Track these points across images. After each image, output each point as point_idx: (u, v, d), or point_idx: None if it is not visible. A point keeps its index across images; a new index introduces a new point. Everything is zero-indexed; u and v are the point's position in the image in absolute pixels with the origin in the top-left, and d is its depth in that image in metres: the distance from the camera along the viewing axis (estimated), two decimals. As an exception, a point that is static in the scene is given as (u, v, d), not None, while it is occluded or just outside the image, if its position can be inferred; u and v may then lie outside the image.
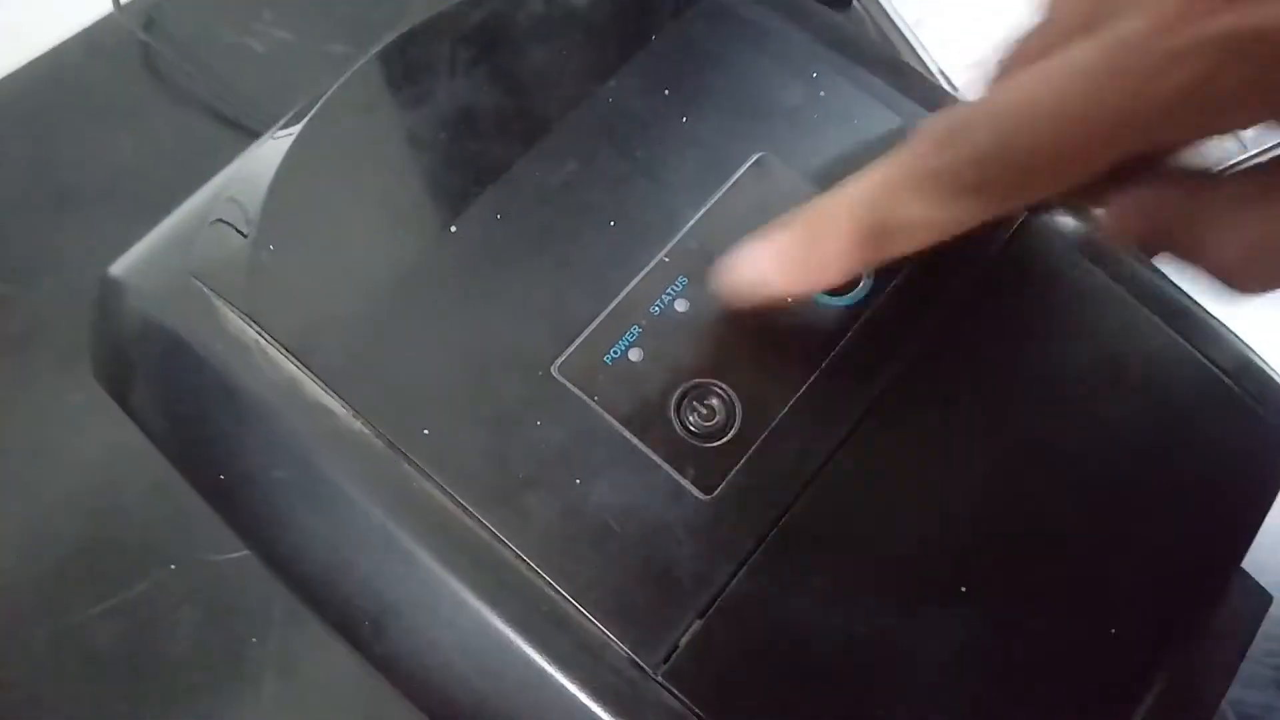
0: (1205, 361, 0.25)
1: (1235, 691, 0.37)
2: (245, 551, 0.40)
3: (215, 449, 0.23)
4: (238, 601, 0.40)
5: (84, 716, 0.38)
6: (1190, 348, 0.25)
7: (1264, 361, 0.26)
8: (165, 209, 0.28)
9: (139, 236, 0.28)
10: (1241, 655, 0.30)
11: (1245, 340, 0.26)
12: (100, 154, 0.49)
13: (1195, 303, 0.26)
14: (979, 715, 0.21)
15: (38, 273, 0.46)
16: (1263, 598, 0.30)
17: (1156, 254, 0.20)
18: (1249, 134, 0.41)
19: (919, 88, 0.26)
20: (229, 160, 0.28)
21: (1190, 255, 0.19)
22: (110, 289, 0.26)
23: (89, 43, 0.52)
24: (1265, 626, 0.37)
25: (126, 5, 0.51)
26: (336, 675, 0.39)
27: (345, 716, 0.39)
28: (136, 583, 0.40)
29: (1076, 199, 0.21)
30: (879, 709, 0.20)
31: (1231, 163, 0.21)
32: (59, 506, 0.41)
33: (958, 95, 0.43)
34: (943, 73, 0.44)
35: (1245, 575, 0.30)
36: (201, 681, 0.39)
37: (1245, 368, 0.25)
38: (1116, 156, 0.18)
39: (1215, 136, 0.18)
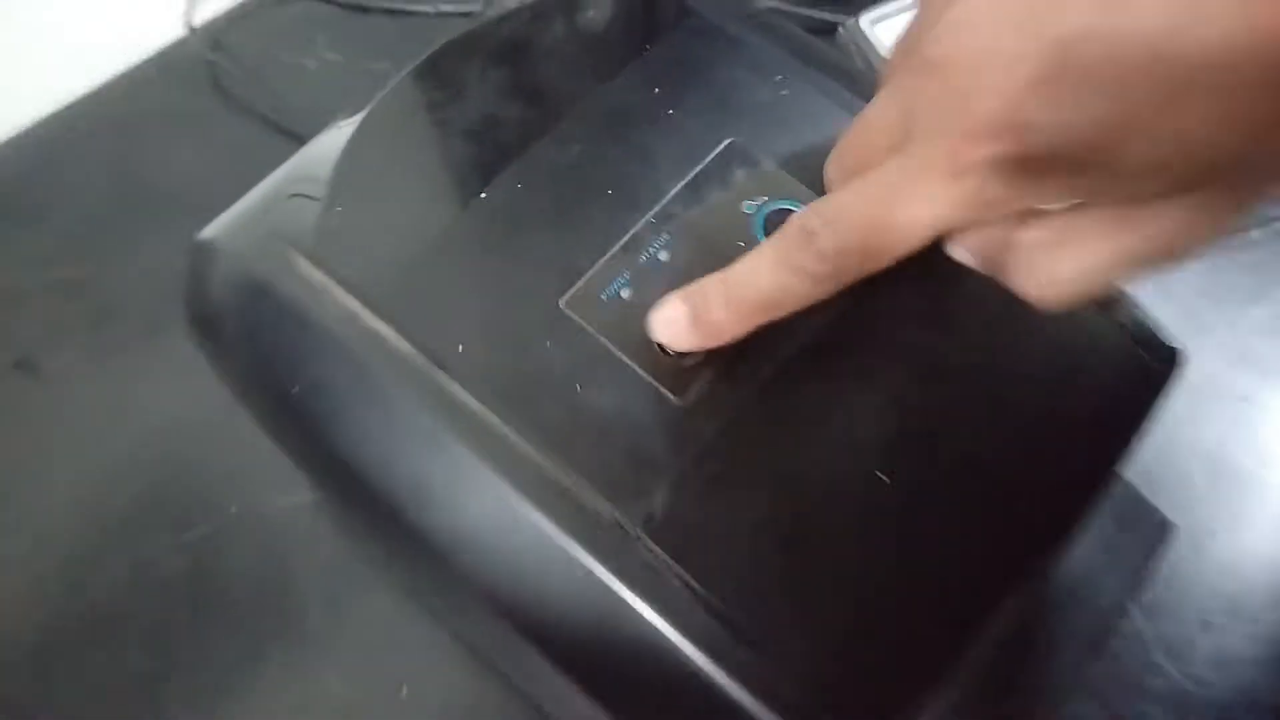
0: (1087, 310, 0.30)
1: (1162, 626, 0.42)
2: (296, 500, 0.46)
3: (291, 368, 0.29)
4: (288, 543, 0.46)
5: (155, 637, 0.44)
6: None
7: (1139, 305, 0.31)
8: (228, 207, 0.34)
9: None
10: (1142, 573, 0.35)
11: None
12: (172, 159, 0.56)
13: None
14: (890, 574, 0.26)
15: (117, 259, 0.53)
16: (1166, 526, 0.36)
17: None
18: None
19: (867, 89, 0.32)
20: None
21: (1008, 282, 0.25)
22: (202, 249, 0.32)
23: (164, 63, 0.59)
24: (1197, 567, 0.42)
25: (197, 30, 0.58)
26: (374, 611, 0.44)
27: (381, 647, 0.44)
28: (201, 524, 0.46)
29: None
30: (812, 559, 0.26)
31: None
32: (135, 458, 0.47)
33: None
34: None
35: (1153, 508, 0.36)
36: (253, 612, 0.45)
37: (1128, 316, 0.31)
38: (923, 244, 0.24)
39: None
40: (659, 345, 0.27)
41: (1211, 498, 0.45)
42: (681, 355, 0.28)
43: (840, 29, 0.54)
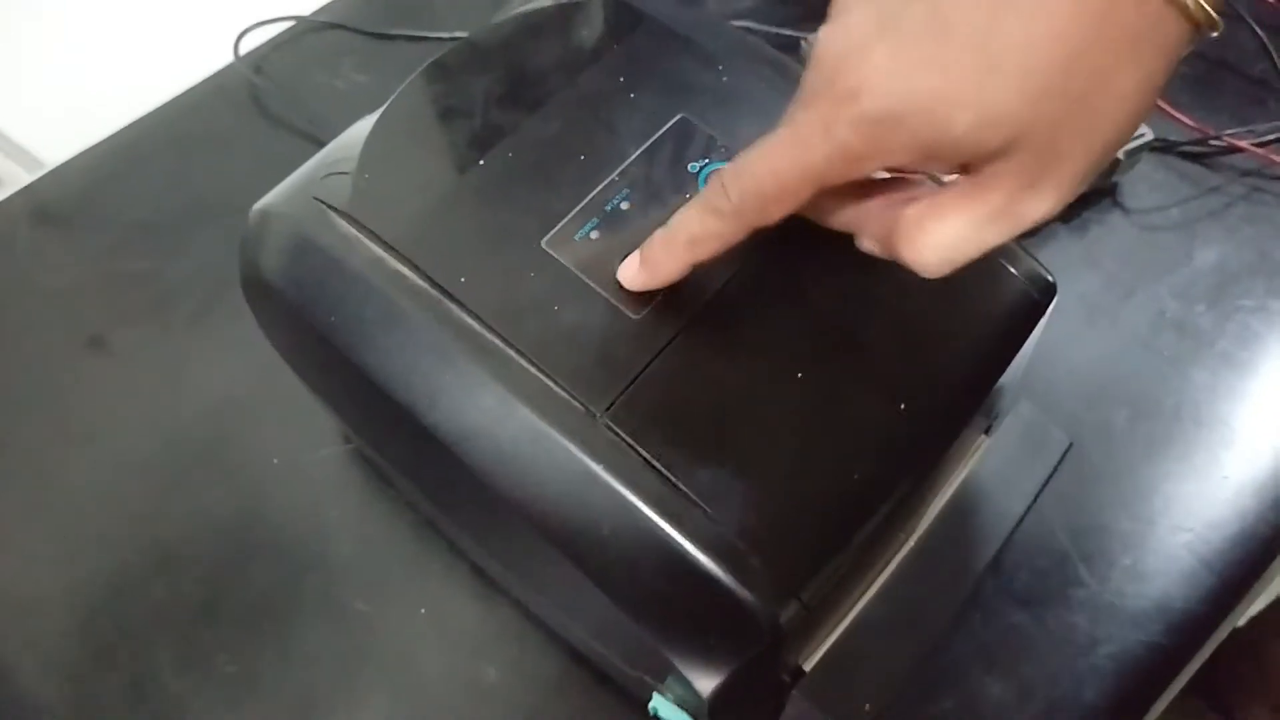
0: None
1: (1084, 546, 0.48)
2: (329, 453, 0.53)
3: (331, 303, 0.36)
4: (322, 489, 0.53)
5: (209, 570, 0.51)
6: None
7: (1029, 253, 0.38)
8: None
9: None
10: (1039, 484, 0.41)
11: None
12: (221, 169, 0.63)
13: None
14: (808, 454, 0.33)
15: (174, 254, 0.60)
16: (1061, 440, 0.42)
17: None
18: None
19: (792, 75, 0.39)
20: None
21: (900, 258, 0.30)
22: (258, 216, 0.40)
23: (213, 86, 0.66)
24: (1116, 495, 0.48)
25: (242, 57, 0.66)
26: (397, 545, 0.51)
27: (403, 576, 0.50)
28: (247, 475, 0.53)
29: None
30: (744, 440, 0.33)
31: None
32: (191, 421, 0.54)
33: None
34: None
35: (1050, 427, 0.42)
36: (292, 548, 0.51)
37: (1014, 255, 0.37)
38: (812, 193, 0.30)
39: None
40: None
41: (1131, 437, 0.51)
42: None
43: (802, 43, 0.61)
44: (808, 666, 0.37)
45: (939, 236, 0.29)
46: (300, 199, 0.38)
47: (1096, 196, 0.58)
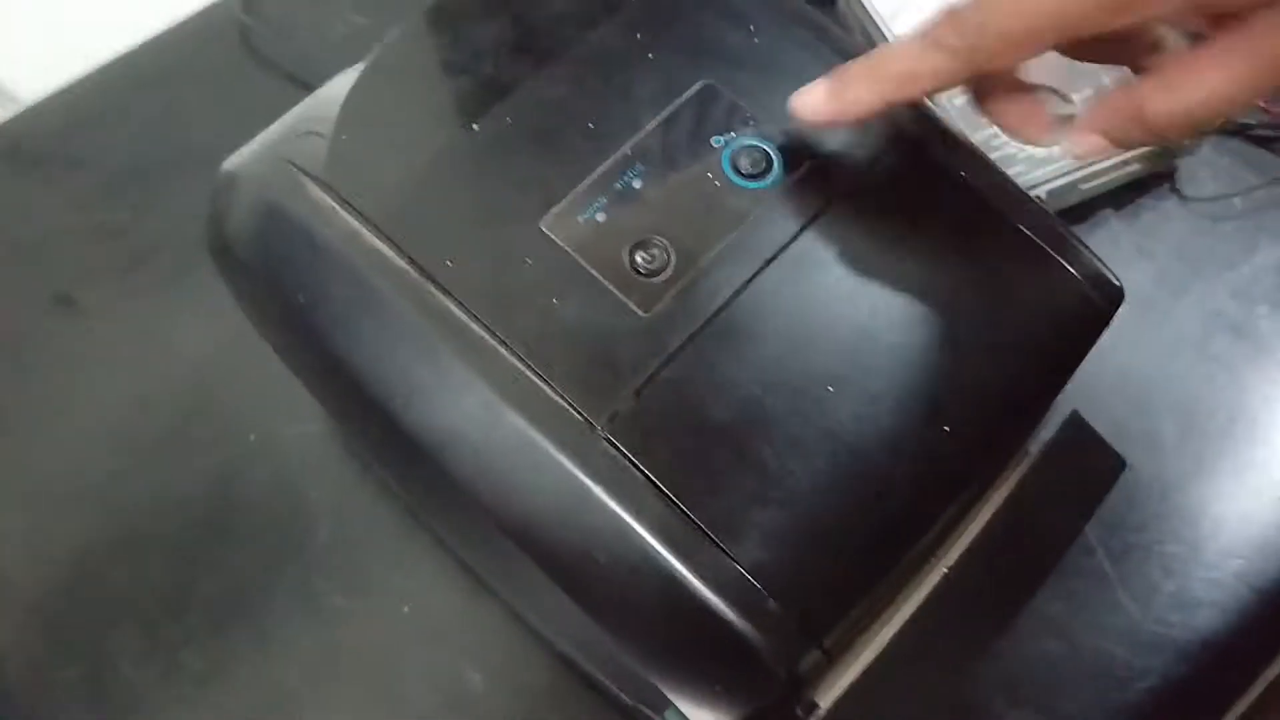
0: (1041, 246, 0.32)
1: (1125, 569, 0.44)
2: (309, 429, 0.49)
3: (300, 279, 0.32)
4: (301, 469, 0.49)
5: (178, 553, 0.47)
6: (1029, 234, 0.32)
7: (1093, 253, 0.33)
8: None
9: None
10: (1091, 505, 0.37)
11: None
12: (205, 114, 0.59)
13: (1043, 207, 0.34)
14: (836, 480, 0.29)
15: (151, 206, 0.56)
16: (1117, 461, 0.38)
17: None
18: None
19: (832, 39, 0.34)
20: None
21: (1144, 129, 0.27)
22: (225, 177, 0.35)
23: (199, 24, 0.62)
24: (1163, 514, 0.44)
25: (232, -7, 0.61)
26: (380, 533, 0.47)
27: (386, 567, 0.47)
28: (222, 450, 0.49)
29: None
30: (761, 461, 0.28)
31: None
32: (163, 389, 0.51)
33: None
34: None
35: (1106, 444, 0.38)
36: (268, 532, 0.48)
37: (1078, 256, 0.33)
38: (1058, 41, 0.26)
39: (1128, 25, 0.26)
40: (632, 262, 0.30)
41: (1180, 450, 0.47)
42: (651, 275, 0.30)
43: (839, 0, 0.56)
44: (825, 704, 0.33)
45: (1195, 94, 0.26)
46: (271, 160, 0.34)
47: (1154, 181, 0.53)
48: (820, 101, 0.30)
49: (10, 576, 0.47)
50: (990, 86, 0.30)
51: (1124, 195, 0.53)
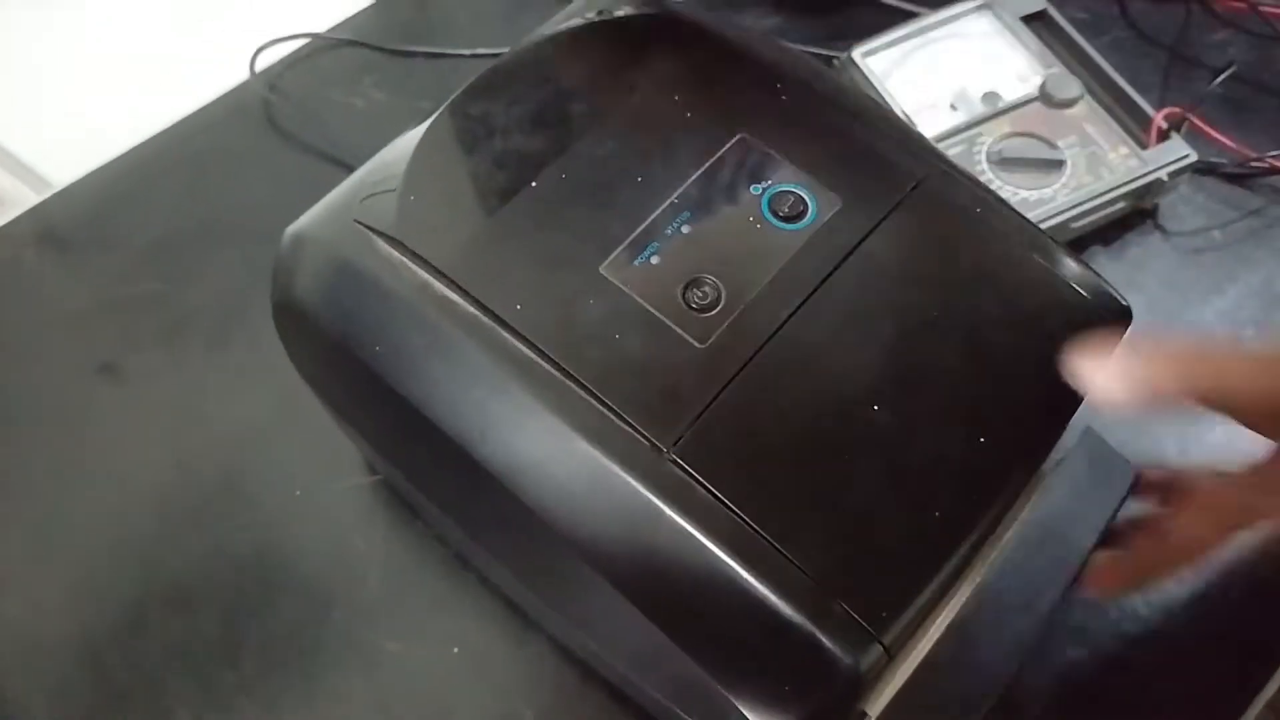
0: (1055, 273, 0.35)
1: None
2: (354, 483, 0.51)
3: (375, 330, 0.34)
4: (347, 522, 0.51)
5: (229, 606, 0.48)
6: (1044, 263, 0.36)
7: (1103, 279, 0.36)
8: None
9: (266, 254, 0.38)
10: (1107, 514, 0.40)
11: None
12: (236, 189, 0.62)
13: (1052, 239, 0.37)
14: (883, 491, 0.31)
15: (189, 277, 0.58)
16: (1127, 468, 0.40)
17: None
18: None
19: (849, 96, 0.38)
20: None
21: None
22: (292, 240, 0.38)
23: (229, 103, 0.65)
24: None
25: (258, 74, 0.64)
26: (427, 580, 0.49)
27: (434, 612, 0.48)
28: (268, 506, 0.51)
29: None
30: (816, 475, 0.31)
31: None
32: (207, 450, 0.52)
33: (911, 121, 0.55)
34: (903, 111, 0.56)
35: (1119, 456, 0.41)
36: (317, 583, 0.49)
37: (1088, 281, 0.36)
38: None
39: None
40: (686, 299, 0.33)
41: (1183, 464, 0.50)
42: (704, 310, 0.33)
43: (835, 62, 0.60)
44: (873, 712, 0.35)
45: None
46: (339, 222, 0.36)
47: (1137, 218, 0.57)
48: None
49: (66, 631, 0.48)
50: None
51: (1111, 232, 0.56)
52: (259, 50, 0.64)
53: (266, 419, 0.53)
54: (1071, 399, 0.34)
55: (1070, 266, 0.36)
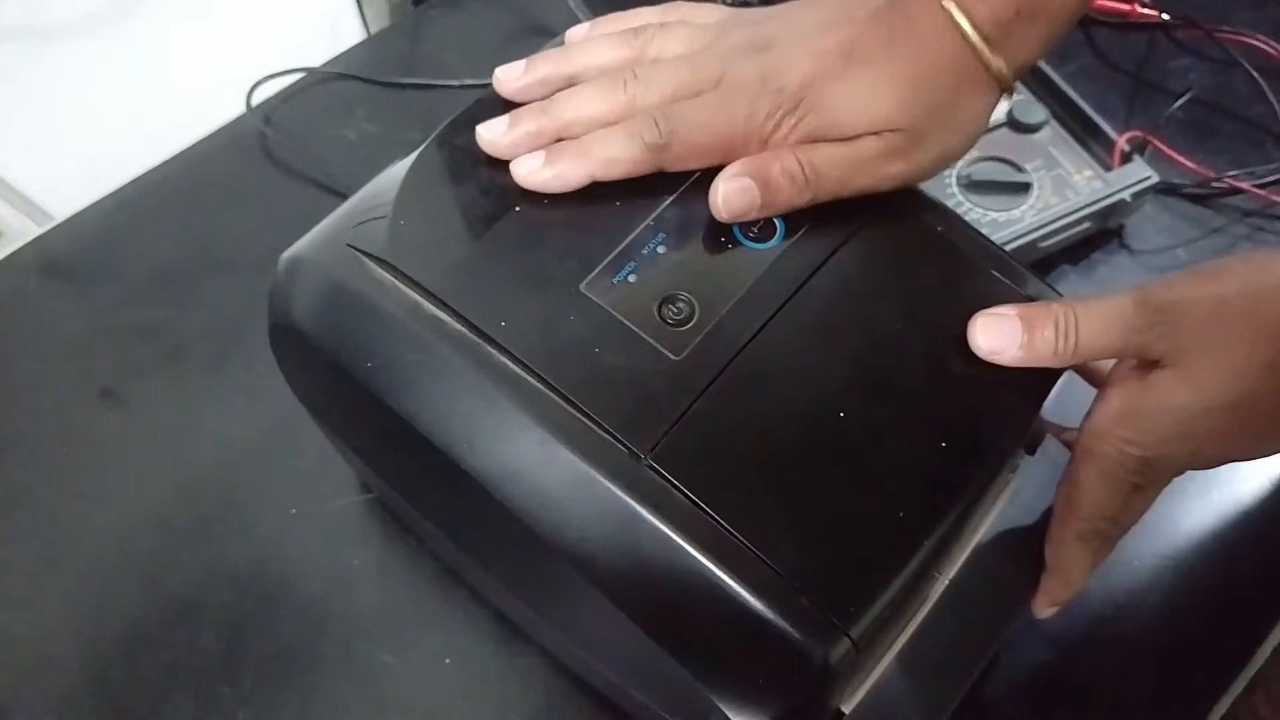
0: (1012, 287, 0.37)
1: (1110, 582, 0.48)
2: (348, 501, 0.53)
3: (367, 348, 0.36)
4: (343, 539, 0.52)
5: (228, 618, 0.50)
6: (1000, 278, 0.38)
7: (1057, 292, 0.38)
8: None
9: (262, 281, 0.40)
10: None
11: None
12: (232, 220, 0.63)
13: (1009, 256, 0.39)
14: (851, 492, 0.33)
15: (185, 305, 0.60)
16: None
17: None
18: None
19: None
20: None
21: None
22: (288, 265, 0.39)
23: (225, 137, 0.67)
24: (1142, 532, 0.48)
25: (253, 108, 0.67)
26: (421, 594, 0.51)
27: (427, 625, 0.50)
28: (266, 523, 0.52)
29: None
30: (786, 477, 0.33)
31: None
32: (205, 471, 0.54)
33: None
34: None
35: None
36: (313, 591, 0.51)
37: (1043, 293, 0.38)
38: (725, 152, 0.37)
39: None
40: (661, 315, 0.35)
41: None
42: (679, 324, 0.35)
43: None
44: (848, 709, 0.37)
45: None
46: (333, 246, 0.38)
47: (1103, 238, 0.59)
48: (537, 173, 0.37)
49: (68, 648, 0.49)
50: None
51: (1079, 251, 0.59)
52: (255, 85, 0.66)
53: (263, 440, 0.55)
54: (1033, 401, 0.36)
55: (1027, 281, 0.38)
